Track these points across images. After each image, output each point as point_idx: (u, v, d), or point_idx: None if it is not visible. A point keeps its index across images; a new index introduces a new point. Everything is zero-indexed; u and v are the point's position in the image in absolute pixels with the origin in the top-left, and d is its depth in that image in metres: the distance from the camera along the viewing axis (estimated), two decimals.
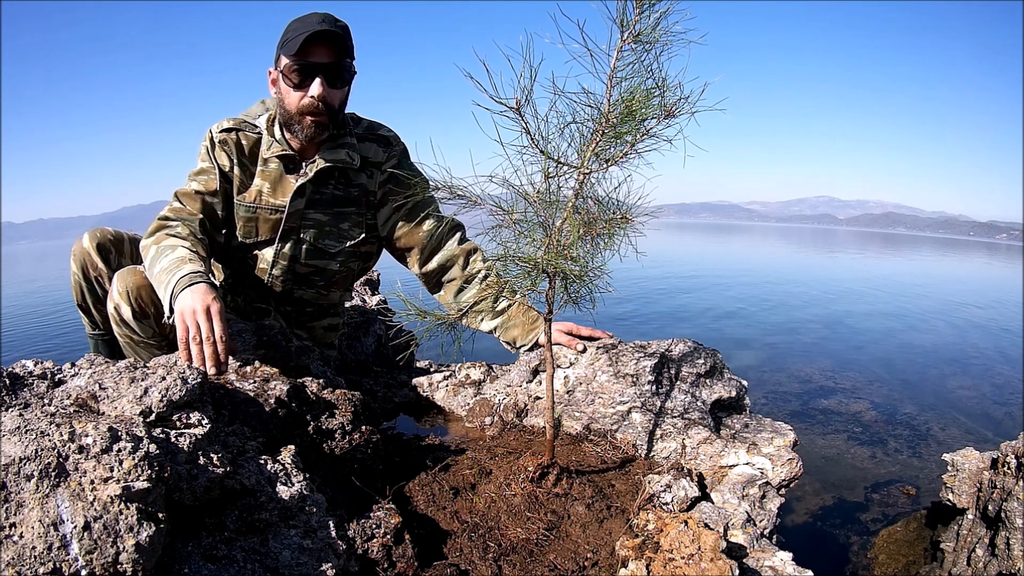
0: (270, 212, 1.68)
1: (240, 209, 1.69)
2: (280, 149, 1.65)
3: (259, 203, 1.68)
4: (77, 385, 0.93)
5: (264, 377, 1.31)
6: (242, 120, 1.69)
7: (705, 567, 0.83)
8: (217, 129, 1.66)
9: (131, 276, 1.55)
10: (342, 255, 1.77)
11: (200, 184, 1.65)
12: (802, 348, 5.49)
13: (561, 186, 1.08)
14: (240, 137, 1.67)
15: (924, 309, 8.44)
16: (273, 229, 1.70)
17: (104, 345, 1.85)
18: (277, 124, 1.66)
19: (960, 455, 1.70)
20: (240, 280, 1.84)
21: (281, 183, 1.67)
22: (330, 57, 1.51)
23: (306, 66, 1.50)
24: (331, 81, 1.53)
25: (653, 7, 0.98)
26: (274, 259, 1.73)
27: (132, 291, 1.54)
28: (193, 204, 1.62)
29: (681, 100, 1.00)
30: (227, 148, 1.66)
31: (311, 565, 0.85)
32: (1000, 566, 1.43)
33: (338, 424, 1.24)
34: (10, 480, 0.69)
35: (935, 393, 4.17)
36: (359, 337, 2.43)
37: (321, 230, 1.72)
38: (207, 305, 1.26)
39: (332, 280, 1.81)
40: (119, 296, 1.55)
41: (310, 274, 1.78)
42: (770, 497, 1.24)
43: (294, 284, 1.79)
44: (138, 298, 1.55)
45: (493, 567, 0.99)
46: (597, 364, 1.61)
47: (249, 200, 1.68)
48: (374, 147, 1.72)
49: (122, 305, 1.55)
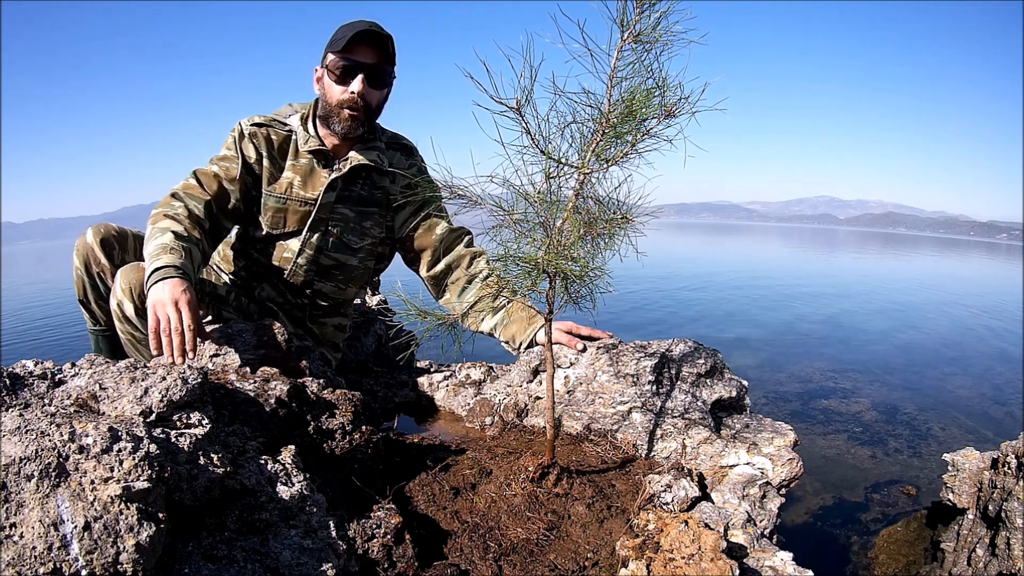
0: (299, 204, 1.76)
1: (270, 200, 1.76)
2: (315, 144, 1.72)
3: (289, 195, 1.76)
4: (77, 385, 0.93)
5: (264, 377, 1.31)
6: (272, 118, 1.77)
7: (705, 567, 0.83)
8: (248, 122, 1.74)
9: (134, 273, 1.56)
10: (363, 252, 1.85)
11: (220, 169, 1.71)
12: (802, 348, 5.49)
13: (561, 186, 1.08)
14: (270, 133, 1.74)
15: (924, 309, 8.44)
16: (301, 220, 1.77)
17: (105, 341, 1.85)
18: (310, 121, 1.75)
19: (960, 455, 1.70)
20: (254, 273, 1.89)
21: (312, 177, 1.76)
22: (373, 59, 1.62)
23: (350, 63, 1.60)
24: (371, 81, 1.64)
25: (653, 7, 0.98)
26: (301, 248, 1.79)
27: (135, 288, 1.54)
28: (209, 184, 1.67)
29: (681, 100, 1.00)
30: (256, 141, 1.73)
31: (311, 565, 0.85)
32: (1000, 566, 1.43)
33: (338, 424, 1.24)
34: (10, 480, 0.69)
35: (935, 393, 4.17)
36: (359, 337, 2.43)
37: (347, 225, 1.80)
38: (175, 298, 1.32)
39: (351, 276, 1.88)
40: (122, 293, 1.55)
41: (332, 267, 1.84)
42: (770, 497, 1.24)
43: (316, 276, 1.84)
44: (141, 295, 1.55)
45: (493, 567, 0.99)
46: (597, 364, 1.61)
47: (280, 191, 1.76)
48: (397, 155, 1.84)
49: (125, 302, 1.55)
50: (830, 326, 6.72)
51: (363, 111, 1.65)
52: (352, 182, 1.77)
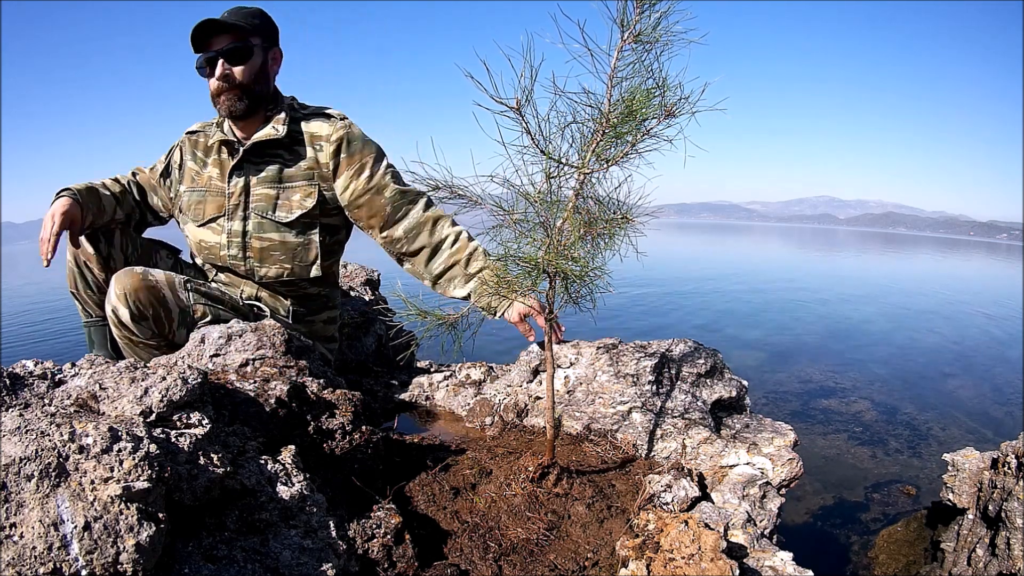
0: (216, 194, 1.84)
1: (194, 195, 1.86)
2: (219, 136, 1.82)
3: (209, 187, 1.85)
4: (77, 385, 0.93)
5: (264, 377, 1.31)
6: (206, 124, 1.93)
7: (705, 567, 0.83)
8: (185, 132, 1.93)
9: (127, 278, 1.58)
10: (298, 226, 1.82)
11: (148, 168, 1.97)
12: (802, 348, 5.49)
13: (562, 186, 1.08)
14: (199, 137, 1.90)
15: (924, 309, 8.44)
16: (219, 208, 1.83)
17: (97, 331, 1.85)
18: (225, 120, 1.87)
19: (960, 455, 1.70)
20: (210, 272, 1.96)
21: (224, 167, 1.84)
22: (226, 42, 1.68)
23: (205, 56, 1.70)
24: (231, 59, 1.70)
25: (654, 7, 0.98)
26: (228, 239, 1.82)
27: (130, 294, 1.57)
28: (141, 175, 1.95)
29: (681, 100, 1.00)
30: (184, 147, 1.91)
31: (311, 565, 0.85)
32: (1000, 566, 1.43)
33: (338, 424, 1.24)
34: (10, 480, 0.69)
35: (935, 393, 4.17)
36: (359, 337, 2.43)
37: (270, 203, 1.80)
38: (53, 211, 1.63)
39: (294, 254, 1.83)
40: (116, 299, 1.57)
41: (269, 248, 1.82)
42: (770, 497, 1.24)
43: (257, 262, 1.83)
44: (136, 300, 1.57)
45: (493, 567, 0.99)
46: (597, 364, 1.61)
47: (201, 185, 1.86)
48: (316, 122, 1.82)
49: (119, 307, 1.57)
50: (830, 326, 6.72)
51: (236, 89, 1.71)
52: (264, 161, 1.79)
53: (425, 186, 1.09)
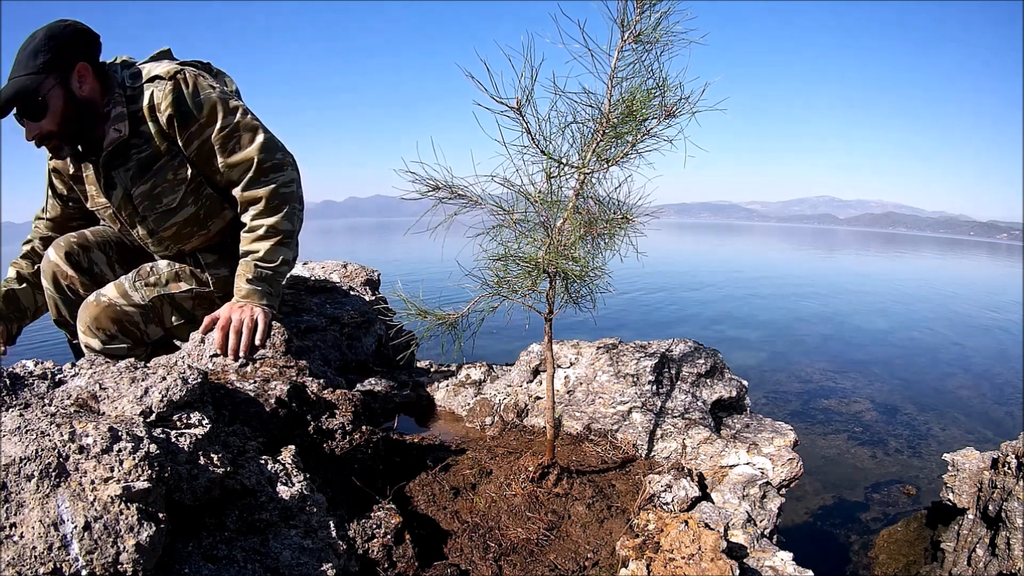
0: (103, 209, 1.78)
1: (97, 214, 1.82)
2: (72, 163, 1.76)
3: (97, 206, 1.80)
4: (77, 385, 0.93)
5: (264, 377, 1.31)
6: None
7: (705, 567, 0.83)
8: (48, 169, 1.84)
9: (86, 311, 1.65)
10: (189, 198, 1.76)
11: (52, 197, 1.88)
12: (802, 348, 5.49)
13: (562, 186, 1.08)
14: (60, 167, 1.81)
15: (924, 309, 8.44)
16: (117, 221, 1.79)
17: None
18: None
19: (960, 455, 1.70)
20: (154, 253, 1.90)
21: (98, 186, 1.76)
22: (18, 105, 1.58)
23: (14, 117, 1.60)
24: (32, 119, 1.59)
25: (654, 7, 0.98)
26: (142, 241, 1.81)
27: (92, 324, 1.64)
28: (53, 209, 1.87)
29: (681, 100, 1.00)
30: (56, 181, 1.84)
31: (311, 565, 0.85)
32: (1000, 566, 1.43)
33: (338, 424, 1.24)
34: (10, 480, 0.69)
35: (935, 393, 4.17)
36: (359, 337, 2.43)
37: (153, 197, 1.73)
38: None
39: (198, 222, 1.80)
40: (84, 334, 1.65)
41: (178, 231, 1.79)
42: (770, 497, 1.24)
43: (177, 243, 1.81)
44: (99, 328, 1.65)
45: (493, 567, 0.99)
46: (597, 364, 1.61)
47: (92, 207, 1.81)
48: (151, 92, 1.67)
49: (91, 341, 1.65)
50: (830, 326, 6.72)
51: (53, 139, 1.63)
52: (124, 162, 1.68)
53: (425, 186, 1.09)
